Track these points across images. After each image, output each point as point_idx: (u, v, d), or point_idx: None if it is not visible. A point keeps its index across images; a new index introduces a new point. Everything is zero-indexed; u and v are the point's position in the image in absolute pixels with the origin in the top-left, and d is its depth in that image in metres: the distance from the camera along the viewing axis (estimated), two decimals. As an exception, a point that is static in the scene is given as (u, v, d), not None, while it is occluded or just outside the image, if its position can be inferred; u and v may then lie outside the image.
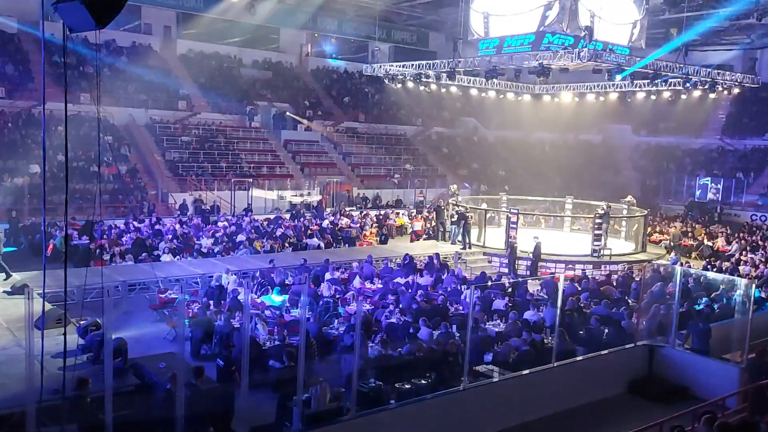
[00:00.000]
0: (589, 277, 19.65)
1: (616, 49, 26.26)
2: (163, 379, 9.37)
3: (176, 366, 8.91)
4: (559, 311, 12.28)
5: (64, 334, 8.84)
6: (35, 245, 21.09)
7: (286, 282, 16.83)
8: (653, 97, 35.84)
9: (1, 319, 12.86)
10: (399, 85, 36.27)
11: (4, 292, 14.84)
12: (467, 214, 24.48)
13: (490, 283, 17.73)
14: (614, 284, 18.53)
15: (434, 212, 26.89)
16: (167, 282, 16.63)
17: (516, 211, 24.03)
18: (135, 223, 23.92)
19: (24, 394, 7.43)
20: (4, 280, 15.99)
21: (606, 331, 13.31)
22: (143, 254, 19.73)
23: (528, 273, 21.57)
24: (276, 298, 15.17)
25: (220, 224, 24.95)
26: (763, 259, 23.10)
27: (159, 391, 9.38)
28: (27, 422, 7.16)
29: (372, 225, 28.19)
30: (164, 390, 8.92)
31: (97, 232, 20.96)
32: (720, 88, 31.54)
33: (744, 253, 24.86)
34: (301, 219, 27.55)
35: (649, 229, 27.57)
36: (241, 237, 22.95)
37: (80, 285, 14.45)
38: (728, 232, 29.11)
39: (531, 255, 21.85)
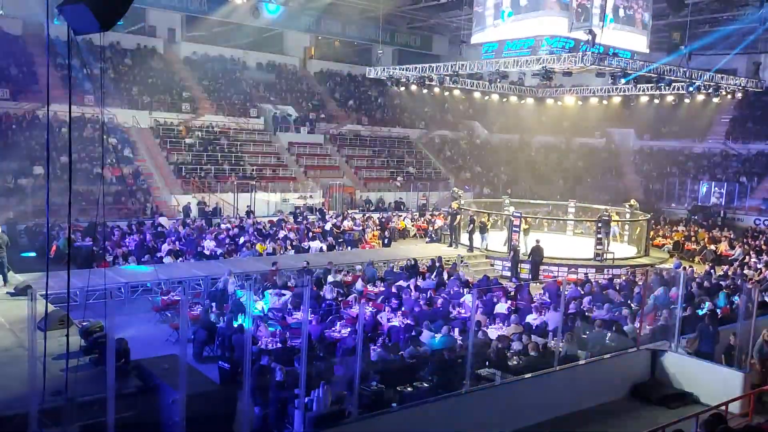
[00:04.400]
0: (592, 281, 19.61)
1: (620, 53, 26.27)
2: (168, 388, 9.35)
3: (178, 368, 8.89)
4: (562, 315, 12.26)
5: (67, 335, 8.85)
6: (38, 247, 21.12)
7: (288, 284, 16.83)
8: (656, 101, 35.86)
9: (3, 320, 12.87)
10: (402, 89, 36.31)
11: (7, 293, 14.87)
12: (473, 218, 24.51)
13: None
14: (617, 288, 18.48)
15: (449, 217, 26.29)
16: (170, 284, 16.65)
17: (519, 215, 24.00)
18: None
19: (26, 396, 7.43)
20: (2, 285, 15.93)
21: (608, 335, 13.27)
22: (146, 256, 19.77)
23: (530, 276, 21.52)
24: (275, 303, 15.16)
25: (222, 226, 24.98)
26: (766, 264, 23.02)
27: (161, 394, 9.38)
28: (29, 424, 7.16)
29: (375, 228, 28.19)
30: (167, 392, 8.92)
31: (100, 233, 20.97)
32: (724, 93, 31.51)
33: (747, 257, 24.80)
34: (304, 221, 27.56)
35: (652, 233, 27.51)
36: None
37: (83, 286, 14.52)
38: (732, 236, 29.04)
39: (529, 258, 21.84)
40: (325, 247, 23.73)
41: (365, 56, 47.23)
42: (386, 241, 26.40)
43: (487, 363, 11.66)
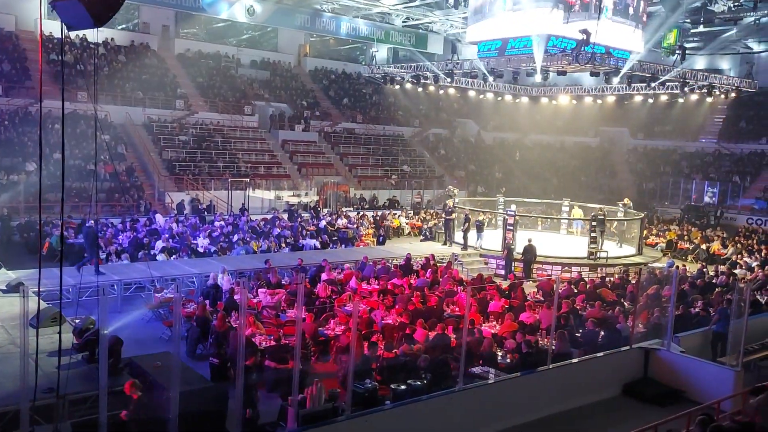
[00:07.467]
0: (585, 279, 19.67)
1: (615, 53, 26.36)
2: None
3: (171, 365, 8.89)
4: (555, 313, 12.29)
5: (59, 332, 8.84)
6: (30, 243, 21.04)
7: (282, 282, 16.82)
8: (650, 100, 36.02)
9: (-4, 318, 12.82)
10: (397, 87, 36.33)
11: (-1, 290, 14.80)
12: (468, 216, 24.47)
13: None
14: (610, 287, 18.55)
15: (444, 214, 26.08)
16: (163, 281, 16.60)
17: (513, 213, 24.02)
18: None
19: (18, 393, 7.40)
20: None
21: (601, 333, 13.32)
22: (140, 253, 19.71)
23: (523, 275, 21.57)
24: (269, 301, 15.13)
25: (216, 224, 24.93)
26: (758, 263, 23.15)
27: (154, 391, 9.36)
28: (21, 421, 7.13)
29: (369, 226, 28.18)
30: (159, 389, 8.90)
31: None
32: (717, 92, 31.66)
33: (740, 256, 24.92)
34: (298, 219, 27.54)
35: (646, 232, 27.60)
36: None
37: (76, 284, 14.47)
38: (724, 235, 29.18)
39: (522, 256, 21.88)
40: (319, 245, 23.71)
41: (360, 54, 47.25)
42: (381, 239, 26.40)
43: (480, 361, 11.69)
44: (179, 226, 23.82)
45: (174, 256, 20.18)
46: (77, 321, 11.78)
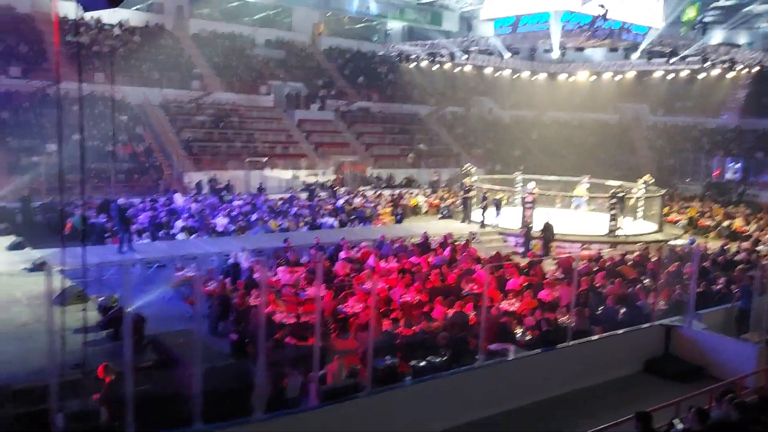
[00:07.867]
0: (605, 256, 19.52)
1: (634, 28, 25.95)
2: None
3: (193, 342, 8.98)
4: (575, 291, 12.24)
5: (84, 310, 8.96)
6: (53, 223, 21.28)
7: (301, 261, 16.88)
8: (670, 76, 35.46)
9: (21, 296, 13.02)
10: (412, 65, 36.06)
11: (24, 269, 15.02)
12: (486, 194, 24.34)
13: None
14: (630, 264, 18.40)
15: (462, 192, 25.99)
16: (184, 260, 16.74)
17: (531, 191, 23.85)
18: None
19: (46, 369, 7.53)
20: None
21: (622, 310, 13.25)
22: (160, 233, 19.89)
23: (542, 253, 21.45)
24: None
25: (235, 203, 25.05)
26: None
27: (177, 367, 9.48)
28: (50, 396, 7.26)
29: (386, 204, 28.15)
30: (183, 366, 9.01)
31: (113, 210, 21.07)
32: (739, 67, 31.11)
33: (762, 233, 24.60)
34: (316, 198, 27.60)
35: (666, 209, 27.32)
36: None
37: (98, 262, 14.65)
38: (748, 212, 28.78)
39: (541, 234, 21.76)
40: (337, 224, 23.75)
41: (374, 33, 46.84)
42: (398, 217, 26.38)
43: (500, 338, 11.68)
44: (198, 206, 23.97)
45: (194, 236, 20.34)
46: (101, 299, 11.95)
